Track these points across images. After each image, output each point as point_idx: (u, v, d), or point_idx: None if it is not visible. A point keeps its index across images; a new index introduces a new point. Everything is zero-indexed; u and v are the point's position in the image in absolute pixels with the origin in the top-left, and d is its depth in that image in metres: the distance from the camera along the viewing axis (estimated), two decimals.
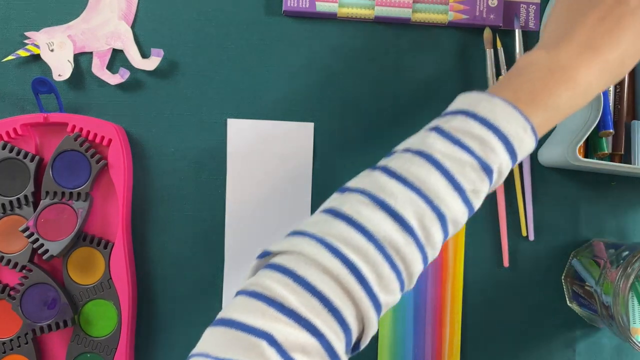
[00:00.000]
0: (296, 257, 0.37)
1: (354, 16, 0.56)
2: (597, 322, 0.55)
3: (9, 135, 0.53)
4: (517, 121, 0.39)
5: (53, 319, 0.52)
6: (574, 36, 0.42)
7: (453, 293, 0.56)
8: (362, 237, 0.36)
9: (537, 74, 0.41)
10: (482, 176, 0.38)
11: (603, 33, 0.42)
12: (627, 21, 0.42)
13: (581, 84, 0.41)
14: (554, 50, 0.42)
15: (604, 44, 0.41)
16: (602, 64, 0.41)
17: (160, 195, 0.56)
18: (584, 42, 0.42)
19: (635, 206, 0.58)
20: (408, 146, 0.40)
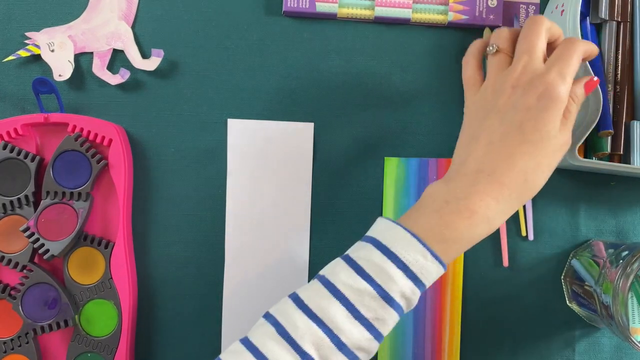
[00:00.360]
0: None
1: (354, 16, 0.56)
2: (597, 321, 0.55)
3: (10, 135, 0.53)
4: (415, 248, 0.40)
5: (53, 318, 0.52)
6: (468, 164, 0.43)
7: (453, 293, 0.57)
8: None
9: (434, 206, 0.42)
10: (382, 304, 0.40)
11: (493, 157, 0.42)
12: (514, 139, 0.42)
13: (478, 212, 0.41)
14: (451, 182, 0.43)
15: (497, 168, 0.42)
16: (499, 188, 0.42)
17: (161, 195, 0.56)
18: (477, 169, 0.43)
19: (634, 206, 0.58)
20: (323, 273, 0.43)
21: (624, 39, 0.54)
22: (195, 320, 0.55)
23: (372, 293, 0.40)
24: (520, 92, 0.43)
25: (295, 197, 0.56)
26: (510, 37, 0.47)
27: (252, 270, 0.55)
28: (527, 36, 0.45)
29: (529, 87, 0.43)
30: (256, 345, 0.40)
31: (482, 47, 0.49)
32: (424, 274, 0.41)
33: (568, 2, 0.51)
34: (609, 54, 0.54)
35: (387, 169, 0.57)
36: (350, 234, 0.56)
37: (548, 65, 0.43)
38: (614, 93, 0.54)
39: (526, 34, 0.45)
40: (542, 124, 0.42)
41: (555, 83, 0.42)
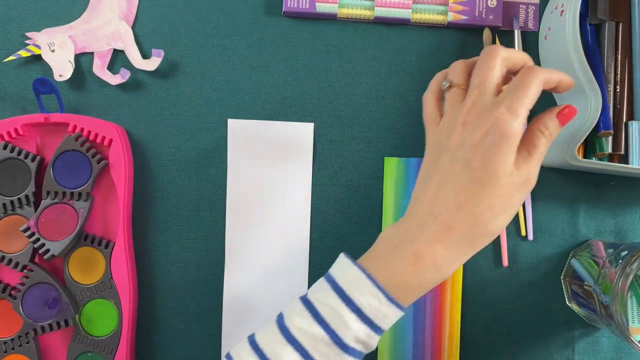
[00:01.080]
0: None
1: (354, 16, 0.56)
2: (596, 321, 0.55)
3: (10, 135, 0.53)
4: (370, 291, 0.39)
5: (54, 318, 0.52)
6: (419, 205, 0.41)
7: (453, 293, 0.57)
8: None
9: (386, 250, 0.41)
10: (336, 350, 0.39)
11: (442, 198, 0.40)
12: (462, 179, 0.40)
13: (424, 257, 0.39)
14: (402, 225, 0.42)
15: (444, 210, 0.40)
16: (446, 232, 0.40)
17: (161, 195, 0.56)
18: (426, 211, 0.41)
19: (634, 206, 0.58)
20: (282, 312, 0.42)
21: (623, 39, 0.54)
22: (195, 320, 0.56)
23: (326, 339, 0.39)
24: (469, 128, 0.40)
25: (295, 197, 0.56)
26: (466, 70, 0.44)
27: (252, 270, 0.55)
28: (479, 69, 0.42)
29: (477, 123, 0.40)
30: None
31: (441, 82, 0.46)
32: (380, 318, 0.39)
33: (568, 3, 0.51)
34: (608, 54, 0.54)
35: (387, 169, 0.57)
36: (350, 234, 0.56)
37: (499, 99, 0.40)
38: (614, 93, 0.54)
39: (479, 67, 0.42)
40: (490, 162, 0.39)
41: (504, 118, 0.39)
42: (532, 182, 0.41)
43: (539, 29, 0.58)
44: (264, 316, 0.55)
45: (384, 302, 0.39)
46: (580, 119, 0.51)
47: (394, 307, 0.40)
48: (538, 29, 0.58)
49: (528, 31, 0.58)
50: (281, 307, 0.55)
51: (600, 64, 0.54)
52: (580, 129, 0.51)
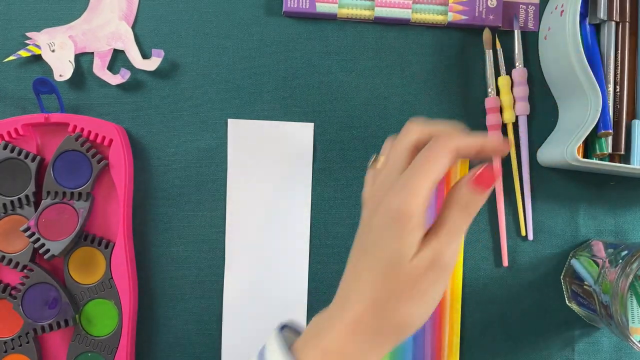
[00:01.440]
0: None
1: (354, 16, 0.56)
2: (596, 321, 0.55)
3: (10, 135, 0.53)
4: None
5: (54, 318, 0.52)
6: (339, 292, 0.38)
7: (452, 293, 0.57)
8: None
9: (308, 337, 0.37)
10: None
11: (353, 287, 0.37)
12: (363, 265, 0.37)
13: (328, 349, 0.36)
14: (324, 312, 0.38)
15: (354, 299, 0.37)
16: (356, 324, 0.36)
17: (161, 195, 0.56)
18: (343, 297, 0.38)
19: (634, 206, 0.58)
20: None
21: (622, 39, 0.54)
22: (195, 320, 0.56)
23: None
24: (374, 209, 0.37)
25: (295, 197, 0.56)
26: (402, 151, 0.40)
27: (252, 270, 0.55)
28: (392, 145, 0.39)
29: (379, 204, 0.37)
30: None
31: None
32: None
33: (567, 3, 0.51)
34: (608, 54, 0.54)
35: None
36: (350, 235, 0.56)
37: (400, 178, 0.37)
38: (614, 93, 0.54)
39: (394, 142, 0.40)
40: (388, 247, 0.35)
41: (396, 199, 0.35)
42: (442, 264, 0.36)
43: (539, 29, 0.58)
44: (264, 316, 0.55)
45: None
46: (580, 119, 0.52)
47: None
48: (538, 29, 0.58)
49: (528, 31, 0.58)
50: (280, 307, 0.55)
51: (600, 64, 0.54)
52: (580, 129, 0.51)
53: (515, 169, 0.57)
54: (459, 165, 0.56)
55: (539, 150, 0.57)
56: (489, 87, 0.57)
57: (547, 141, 0.57)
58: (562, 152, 0.51)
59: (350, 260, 0.39)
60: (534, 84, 0.58)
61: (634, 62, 0.55)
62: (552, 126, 0.57)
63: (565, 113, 0.56)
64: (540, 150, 0.57)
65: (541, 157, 0.57)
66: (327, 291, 0.56)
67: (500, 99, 0.57)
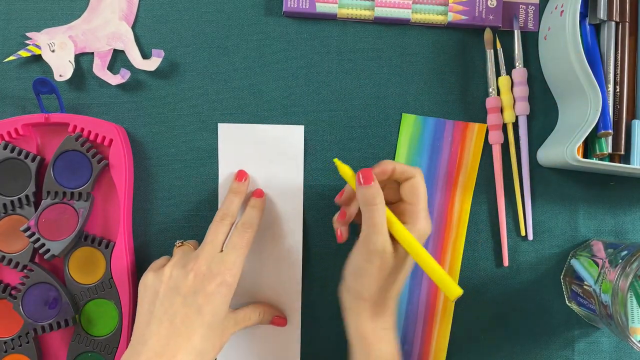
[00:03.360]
0: None
1: (354, 17, 0.56)
2: (596, 321, 0.55)
3: (10, 135, 0.53)
4: None
5: (54, 318, 0.52)
6: (148, 349, 0.44)
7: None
8: None
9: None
10: None
11: (172, 343, 0.44)
12: (192, 323, 0.46)
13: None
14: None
15: (178, 354, 0.44)
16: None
17: (161, 195, 0.56)
18: (158, 352, 0.44)
19: (633, 206, 0.58)
20: None
21: (622, 39, 0.54)
22: None
23: None
24: (201, 278, 0.47)
25: (287, 198, 0.56)
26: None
27: (247, 270, 0.55)
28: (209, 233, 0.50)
29: (209, 274, 0.47)
30: None
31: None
32: None
33: (568, 3, 0.51)
34: (608, 54, 0.54)
35: (404, 126, 0.57)
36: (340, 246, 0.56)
37: (223, 254, 0.48)
38: (614, 93, 0.54)
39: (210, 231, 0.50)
40: (220, 309, 0.47)
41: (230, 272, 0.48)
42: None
43: (538, 29, 0.58)
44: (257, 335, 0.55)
45: None
46: (580, 119, 0.52)
47: None
48: (538, 29, 0.58)
49: (528, 31, 0.58)
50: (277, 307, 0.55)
51: (600, 64, 0.54)
52: (580, 129, 0.51)
53: (515, 169, 0.57)
54: None
55: (539, 150, 0.57)
56: (490, 87, 0.57)
57: (547, 141, 0.57)
58: (562, 152, 0.51)
59: (155, 317, 0.46)
60: (534, 84, 0.58)
61: (634, 62, 0.55)
62: (552, 126, 0.57)
63: (565, 113, 0.56)
64: (540, 150, 0.57)
65: (541, 157, 0.57)
66: (320, 293, 0.56)
67: (501, 98, 0.57)
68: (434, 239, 0.57)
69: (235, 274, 0.47)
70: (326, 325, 0.56)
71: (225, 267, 0.47)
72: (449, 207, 0.57)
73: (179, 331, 0.45)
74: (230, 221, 0.50)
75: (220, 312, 0.46)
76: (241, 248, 0.49)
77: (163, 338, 0.44)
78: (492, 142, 0.57)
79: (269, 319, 0.53)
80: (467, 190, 0.57)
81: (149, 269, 0.49)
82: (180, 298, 0.46)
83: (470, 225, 0.57)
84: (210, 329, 0.46)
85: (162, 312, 0.45)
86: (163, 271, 0.48)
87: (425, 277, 0.56)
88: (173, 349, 0.44)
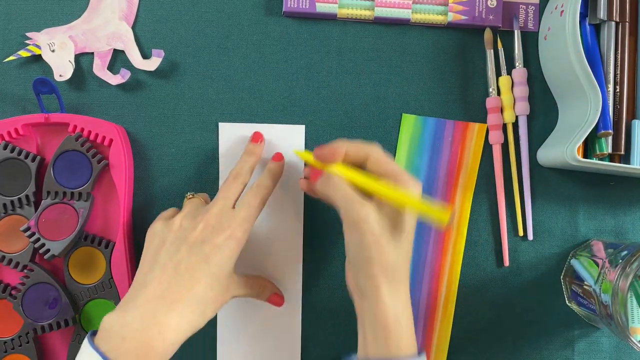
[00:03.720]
0: None
1: (354, 17, 0.56)
2: (596, 321, 0.55)
3: (10, 135, 0.53)
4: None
5: (54, 318, 0.52)
6: (149, 292, 0.44)
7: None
8: None
9: (113, 342, 0.42)
10: None
11: (174, 284, 0.44)
12: (196, 269, 0.45)
13: (154, 347, 0.42)
14: (129, 312, 0.43)
15: (179, 296, 0.44)
16: (181, 318, 0.43)
17: (161, 195, 0.56)
18: (159, 295, 0.44)
19: (633, 206, 0.58)
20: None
21: (622, 39, 0.54)
22: None
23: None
24: (210, 230, 0.46)
25: (288, 198, 0.56)
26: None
27: (247, 269, 0.55)
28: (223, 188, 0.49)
29: (220, 227, 0.47)
30: None
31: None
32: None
33: (568, 3, 0.51)
34: (608, 54, 0.54)
35: (404, 126, 0.57)
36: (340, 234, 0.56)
37: (237, 211, 0.48)
38: (614, 93, 0.54)
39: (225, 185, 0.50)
40: (228, 262, 0.46)
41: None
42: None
43: (538, 29, 0.58)
44: (258, 317, 0.55)
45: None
46: (580, 119, 0.52)
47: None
48: (538, 29, 0.58)
49: (528, 31, 0.58)
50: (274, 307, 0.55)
51: (600, 64, 0.54)
52: (580, 129, 0.51)
53: (515, 169, 0.57)
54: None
55: (539, 150, 0.57)
56: (490, 87, 0.57)
57: (547, 141, 0.57)
58: (562, 152, 0.51)
59: (156, 263, 0.45)
60: (534, 84, 0.58)
61: (634, 62, 0.55)
62: (552, 126, 0.57)
63: (565, 113, 0.56)
64: (540, 150, 0.57)
65: (541, 157, 0.57)
66: (320, 290, 0.56)
67: (501, 98, 0.57)
68: (435, 239, 0.57)
69: (246, 230, 0.47)
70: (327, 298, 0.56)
71: (235, 223, 0.46)
72: (449, 207, 0.57)
73: (182, 278, 0.44)
74: (243, 181, 0.50)
75: (226, 267, 0.45)
76: (254, 207, 0.48)
77: (165, 283, 0.44)
78: (492, 142, 0.57)
79: (267, 294, 0.53)
80: (468, 190, 0.57)
81: (158, 217, 0.49)
82: (187, 246, 0.45)
83: (470, 225, 0.57)
84: (214, 279, 0.45)
85: (167, 258, 0.45)
86: (173, 221, 0.47)
87: (426, 278, 0.56)
88: (174, 294, 0.43)
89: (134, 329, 0.42)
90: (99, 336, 0.42)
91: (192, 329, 0.44)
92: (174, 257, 0.45)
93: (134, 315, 0.42)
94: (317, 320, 0.56)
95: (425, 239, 0.57)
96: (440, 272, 0.57)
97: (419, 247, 0.56)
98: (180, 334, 0.43)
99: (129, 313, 0.43)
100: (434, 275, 0.57)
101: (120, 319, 0.43)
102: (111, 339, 0.42)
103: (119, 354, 0.41)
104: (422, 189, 0.56)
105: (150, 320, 0.42)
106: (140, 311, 0.43)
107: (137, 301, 0.43)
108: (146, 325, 0.42)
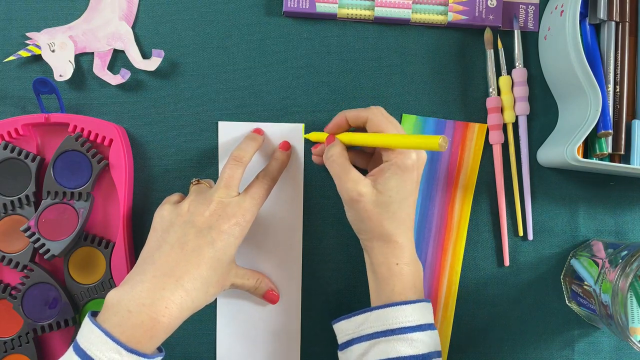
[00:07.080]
0: None
1: (354, 16, 0.56)
2: (596, 321, 0.55)
3: (10, 135, 0.53)
4: (109, 347, 0.41)
5: (54, 318, 0.52)
6: (156, 269, 0.45)
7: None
8: None
9: (119, 316, 0.42)
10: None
11: (182, 263, 0.45)
12: (202, 251, 0.46)
13: (161, 321, 0.43)
14: (137, 287, 0.44)
15: (185, 274, 0.45)
16: (185, 295, 0.44)
17: (161, 195, 0.56)
18: (166, 273, 0.45)
19: (633, 206, 0.58)
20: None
21: (622, 39, 0.54)
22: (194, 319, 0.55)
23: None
24: (216, 216, 0.48)
25: (287, 196, 0.56)
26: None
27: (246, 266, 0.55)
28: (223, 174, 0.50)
29: (225, 214, 0.48)
30: None
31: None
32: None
33: (568, 3, 0.51)
34: (608, 54, 0.54)
35: (404, 126, 0.57)
36: (340, 232, 0.56)
37: (242, 198, 0.49)
38: (614, 93, 0.54)
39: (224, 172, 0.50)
40: (233, 248, 0.48)
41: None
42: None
43: (538, 29, 0.58)
44: (257, 317, 0.55)
45: (125, 354, 0.41)
46: (580, 119, 0.52)
47: (135, 356, 0.42)
48: (538, 29, 0.58)
49: (528, 31, 0.58)
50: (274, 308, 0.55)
51: (600, 64, 0.54)
52: (580, 129, 0.51)
53: (515, 169, 0.57)
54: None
55: (539, 150, 0.57)
56: (490, 87, 0.57)
57: (547, 141, 0.57)
58: (562, 152, 0.51)
59: (165, 242, 0.46)
60: (534, 84, 0.58)
61: (634, 62, 0.55)
62: (552, 126, 0.57)
63: (565, 113, 0.56)
64: (540, 150, 0.57)
65: (541, 157, 0.57)
66: (319, 288, 0.56)
67: (501, 98, 0.57)
68: (435, 239, 0.57)
69: (249, 220, 0.48)
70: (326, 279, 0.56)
71: (240, 212, 0.48)
72: (449, 207, 0.57)
73: (189, 257, 0.45)
74: (244, 165, 0.51)
75: (229, 252, 0.47)
76: (258, 198, 0.50)
77: (173, 261, 0.45)
78: (492, 142, 0.57)
79: (264, 289, 0.54)
80: (468, 190, 0.57)
81: (165, 201, 0.50)
82: (195, 230, 0.46)
83: (470, 225, 0.57)
84: (218, 263, 0.46)
85: (175, 239, 0.46)
86: (181, 205, 0.49)
87: (426, 278, 0.56)
88: (181, 271, 0.45)
89: (141, 303, 0.42)
90: (102, 314, 0.43)
91: (195, 307, 0.45)
92: (182, 238, 0.46)
93: (141, 289, 0.43)
94: (316, 320, 0.56)
95: (425, 239, 0.57)
96: (441, 272, 0.57)
97: (419, 247, 0.56)
98: (184, 310, 0.44)
99: (136, 287, 0.43)
100: (434, 275, 0.57)
101: (126, 293, 0.43)
102: (117, 313, 0.42)
103: (125, 328, 0.42)
104: (423, 189, 0.56)
105: (158, 294, 0.43)
106: (147, 285, 0.43)
107: (144, 276, 0.44)
108: (154, 299, 0.43)
